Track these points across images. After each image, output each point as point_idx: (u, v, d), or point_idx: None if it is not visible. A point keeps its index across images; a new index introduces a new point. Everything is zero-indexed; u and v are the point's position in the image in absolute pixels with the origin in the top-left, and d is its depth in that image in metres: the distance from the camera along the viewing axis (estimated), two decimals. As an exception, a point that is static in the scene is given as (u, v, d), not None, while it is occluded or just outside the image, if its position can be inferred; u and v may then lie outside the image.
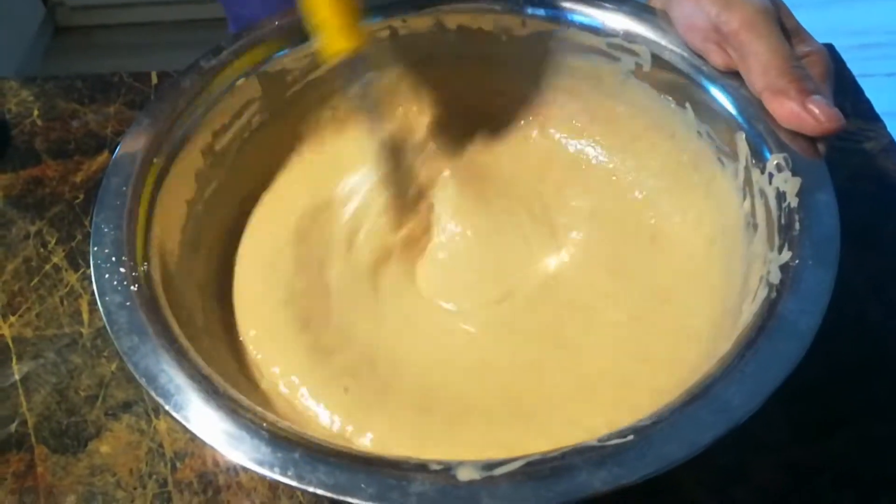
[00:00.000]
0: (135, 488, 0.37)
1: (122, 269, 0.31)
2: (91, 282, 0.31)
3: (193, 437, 0.37)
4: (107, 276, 0.31)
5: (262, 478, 0.37)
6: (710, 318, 0.35)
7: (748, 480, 0.36)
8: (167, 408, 0.27)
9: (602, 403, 0.34)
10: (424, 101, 0.44)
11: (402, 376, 0.35)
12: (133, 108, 0.54)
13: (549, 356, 0.36)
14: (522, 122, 0.45)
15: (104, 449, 0.38)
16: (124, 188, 0.34)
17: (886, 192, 0.48)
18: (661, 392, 0.32)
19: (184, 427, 0.27)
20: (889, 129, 0.51)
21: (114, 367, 0.41)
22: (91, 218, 0.33)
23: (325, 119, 0.44)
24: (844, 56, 0.53)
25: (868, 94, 0.53)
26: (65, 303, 0.44)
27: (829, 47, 0.49)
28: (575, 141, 0.44)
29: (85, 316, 0.43)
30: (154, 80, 0.56)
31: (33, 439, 0.39)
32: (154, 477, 0.37)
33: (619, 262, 0.39)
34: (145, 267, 0.31)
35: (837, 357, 0.39)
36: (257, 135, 0.41)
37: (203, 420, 0.27)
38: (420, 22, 0.42)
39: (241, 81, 0.39)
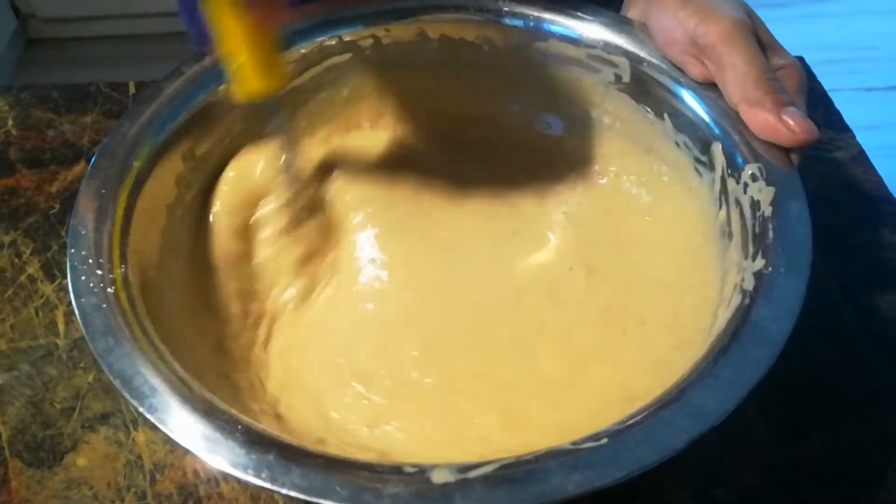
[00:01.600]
0: (113, 501, 0.36)
1: (98, 272, 0.31)
2: (67, 292, 0.31)
3: (172, 447, 0.37)
4: (83, 278, 0.30)
5: (244, 488, 0.36)
6: (686, 325, 0.36)
7: (728, 481, 0.37)
8: (141, 409, 0.27)
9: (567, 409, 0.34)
10: (401, 111, 0.45)
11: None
12: (110, 117, 0.54)
13: (514, 362, 0.36)
14: (502, 133, 0.46)
15: (81, 462, 0.38)
16: (103, 191, 0.34)
17: (857, 199, 0.49)
18: (633, 399, 0.33)
19: (160, 430, 0.26)
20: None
21: (91, 378, 0.41)
22: (68, 223, 0.33)
23: (301, 128, 0.44)
24: (813, 71, 0.54)
25: (835, 109, 0.54)
26: (40, 314, 0.43)
27: (800, 60, 0.50)
28: (554, 150, 0.45)
29: (61, 327, 0.43)
30: (132, 90, 0.56)
31: (7, 453, 0.38)
32: (133, 490, 0.37)
33: (594, 269, 0.40)
34: (123, 269, 0.31)
35: (813, 360, 0.40)
36: (238, 141, 0.41)
37: (178, 422, 0.26)
38: (403, 31, 0.43)
39: (222, 87, 0.39)
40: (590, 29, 0.41)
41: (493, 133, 0.45)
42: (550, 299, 0.39)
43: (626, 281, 0.39)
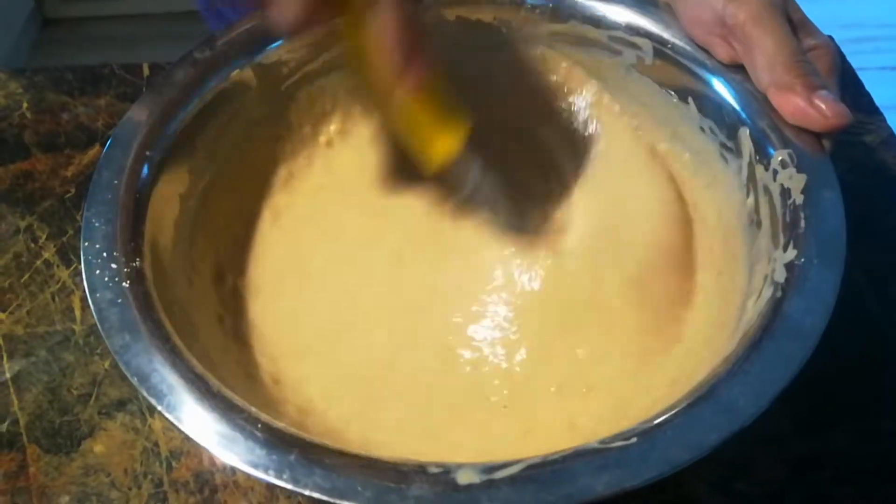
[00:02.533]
0: (129, 488, 0.36)
1: (113, 265, 0.30)
2: (83, 278, 0.30)
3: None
4: (97, 272, 0.30)
5: (259, 477, 0.36)
6: (713, 315, 0.35)
7: (750, 474, 0.36)
8: (160, 408, 0.26)
9: (590, 400, 0.34)
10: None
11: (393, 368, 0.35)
12: (124, 100, 0.53)
13: (538, 349, 0.36)
14: (522, 118, 0.44)
15: (98, 448, 0.38)
16: (116, 182, 0.33)
17: (886, 185, 0.48)
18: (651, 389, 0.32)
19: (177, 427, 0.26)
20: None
21: (107, 364, 0.40)
22: (82, 212, 0.32)
23: (316, 113, 0.43)
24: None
25: (862, 88, 0.53)
26: (56, 299, 0.43)
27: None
28: (575, 137, 0.44)
29: (77, 313, 0.43)
30: (146, 72, 0.55)
31: (25, 439, 0.38)
32: (149, 477, 0.37)
33: (614, 257, 0.39)
34: (137, 263, 0.31)
35: (838, 350, 0.39)
36: (253, 128, 0.40)
37: (196, 421, 0.26)
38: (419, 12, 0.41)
39: (235, 73, 0.38)
40: (612, 10, 0.40)
41: (509, 119, 0.44)
42: (565, 287, 0.38)
43: (647, 268, 0.38)
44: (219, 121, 0.38)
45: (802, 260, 0.29)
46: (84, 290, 0.42)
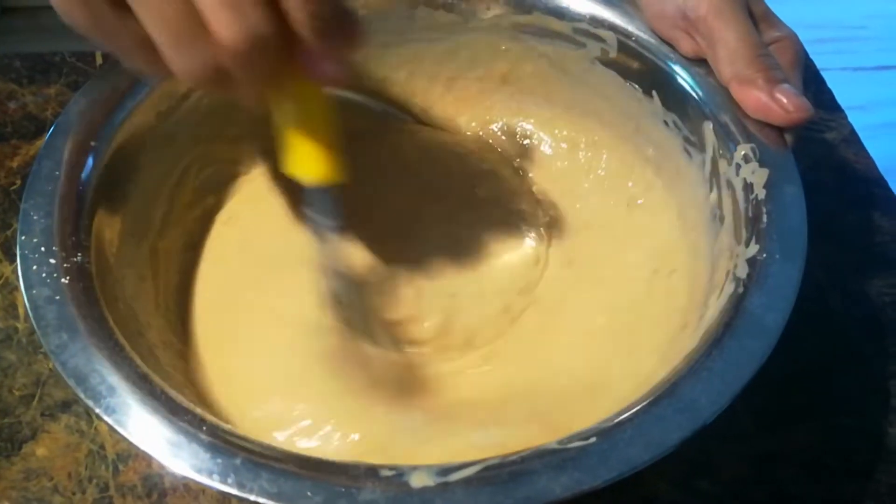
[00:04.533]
0: (73, 493, 0.35)
1: (51, 260, 0.29)
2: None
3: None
4: (34, 267, 0.28)
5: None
6: (676, 311, 0.35)
7: (712, 472, 0.36)
8: (98, 411, 0.25)
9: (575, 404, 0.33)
10: (374, 91, 0.43)
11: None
12: (75, 89, 0.51)
13: (521, 357, 0.35)
14: (486, 113, 0.44)
15: (40, 452, 0.36)
16: (57, 172, 0.31)
17: (847, 182, 0.48)
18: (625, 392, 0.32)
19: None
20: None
21: (52, 364, 0.39)
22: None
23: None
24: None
25: (825, 89, 0.53)
26: (-1, 295, 0.41)
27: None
28: (538, 134, 0.44)
29: (20, 310, 0.41)
30: (99, 60, 0.53)
31: (-38, 442, 0.36)
32: (94, 481, 0.35)
33: (577, 256, 0.39)
34: (79, 257, 0.29)
35: (799, 348, 0.39)
36: (207, 119, 0.39)
37: (138, 424, 0.25)
38: (381, 2, 0.40)
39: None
40: (576, 1, 0.39)
41: (471, 115, 0.44)
42: (532, 288, 0.38)
43: (611, 266, 0.38)
44: (170, 111, 0.37)
45: (764, 255, 0.29)
46: (27, 287, 0.41)
